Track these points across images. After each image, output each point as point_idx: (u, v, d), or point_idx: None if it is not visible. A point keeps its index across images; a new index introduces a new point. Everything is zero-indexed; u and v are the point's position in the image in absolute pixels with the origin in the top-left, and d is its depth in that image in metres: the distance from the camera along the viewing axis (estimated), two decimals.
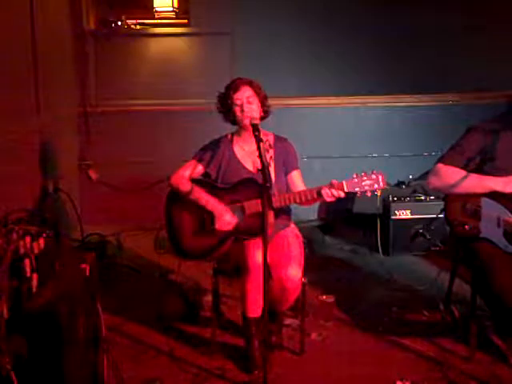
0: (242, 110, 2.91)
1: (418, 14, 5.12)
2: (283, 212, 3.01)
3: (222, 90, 3.04)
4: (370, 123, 5.37)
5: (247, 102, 2.92)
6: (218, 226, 2.90)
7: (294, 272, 2.78)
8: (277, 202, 2.80)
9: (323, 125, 5.30)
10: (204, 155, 3.07)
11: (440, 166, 2.88)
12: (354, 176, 2.73)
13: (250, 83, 2.97)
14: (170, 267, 4.16)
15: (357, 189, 2.73)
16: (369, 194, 2.74)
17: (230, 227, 2.90)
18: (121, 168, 5.27)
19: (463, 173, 2.82)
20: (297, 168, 3.08)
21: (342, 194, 2.73)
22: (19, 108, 3.96)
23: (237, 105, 2.93)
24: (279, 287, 2.81)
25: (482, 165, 2.85)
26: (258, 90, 2.98)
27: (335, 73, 5.20)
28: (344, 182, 2.73)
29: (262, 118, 3.01)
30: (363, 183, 2.72)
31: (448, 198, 2.93)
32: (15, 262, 1.99)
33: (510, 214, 2.76)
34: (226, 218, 2.89)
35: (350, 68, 5.19)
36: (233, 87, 2.95)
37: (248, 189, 2.88)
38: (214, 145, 3.09)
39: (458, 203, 2.87)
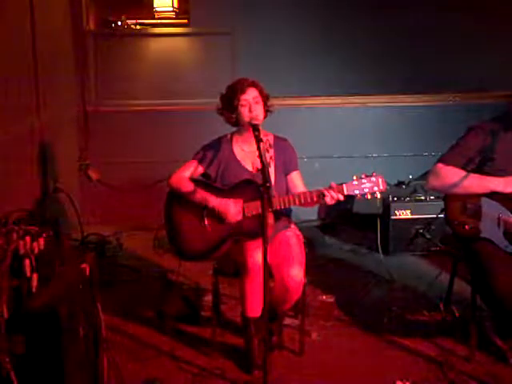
0: (250, 111, 2.91)
1: (418, 14, 5.12)
2: (283, 213, 3.01)
3: (222, 90, 3.03)
4: (370, 123, 5.37)
5: (254, 103, 2.92)
6: (227, 219, 2.88)
7: (296, 272, 2.78)
8: (276, 204, 2.80)
9: (323, 125, 5.30)
10: (204, 155, 3.06)
11: (440, 166, 2.88)
12: (354, 178, 2.72)
13: (254, 84, 2.96)
14: (170, 267, 4.16)
15: (356, 191, 2.72)
16: (369, 197, 2.73)
17: (239, 217, 2.88)
18: (121, 168, 5.27)
19: (463, 173, 2.82)
20: (296, 169, 3.07)
21: (341, 197, 2.72)
22: (19, 108, 3.96)
23: (244, 106, 2.92)
24: (281, 287, 2.80)
25: (482, 165, 2.85)
26: (261, 91, 2.98)
27: (335, 73, 5.20)
28: (344, 185, 2.72)
29: (263, 118, 3.01)
30: (363, 186, 2.71)
31: (448, 198, 2.93)
32: (15, 261, 1.99)
33: (510, 214, 2.76)
34: (232, 210, 2.88)
35: (350, 68, 5.19)
36: (239, 88, 2.92)
37: (247, 190, 2.88)
38: (214, 145, 3.08)
39: (457, 203, 2.87)
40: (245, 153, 3.06)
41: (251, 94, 2.93)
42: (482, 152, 2.84)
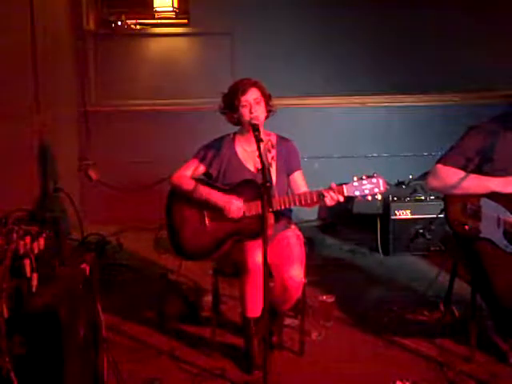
0: (251, 112, 2.90)
1: (418, 14, 5.13)
2: (284, 213, 3.00)
3: (223, 90, 3.02)
4: (370, 123, 5.37)
5: (255, 104, 2.91)
6: (229, 214, 2.87)
7: (296, 272, 2.78)
8: (276, 204, 2.80)
9: (323, 125, 5.30)
10: (206, 154, 3.06)
11: (439, 166, 2.88)
12: (355, 179, 2.71)
13: (256, 84, 2.94)
14: (170, 267, 4.16)
15: (357, 192, 2.70)
16: (369, 198, 2.72)
17: (241, 213, 2.86)
18: (121, 168, 5.27)
19: (462, 173, 2.82)
20: (299, 169, 3.06)
21: (341, 199, 2.71)
22: (19, 108, 3.96)
23: (245, 107, 2.91)
24: (281, 287, 2.80)
25: (482, 165, 2.84)
26: (263, 91, 2.96)
27: (335, 73, 5.21)
28: (344, 186, 2.71)
29: (265, 118, 3.00)
30: (363, 187, 2.69)
31: (447, 198, 2.92)
32: (15, 261, 1.99)
33: (509, 214, 2.76)
34: (234, 206, 2.87)
35: (350, 68, 5.19)
36: (240, 89, 2.91)
37: (248, 190, 2.88)
38: (216, 144, 3.08)
39: (457, 204, 2.87)
40: (247, 153, 3.05)
41: (252, 95, 2.92)
42: (481, 152, 2.84)
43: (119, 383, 2.49)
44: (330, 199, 2.71)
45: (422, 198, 4.54)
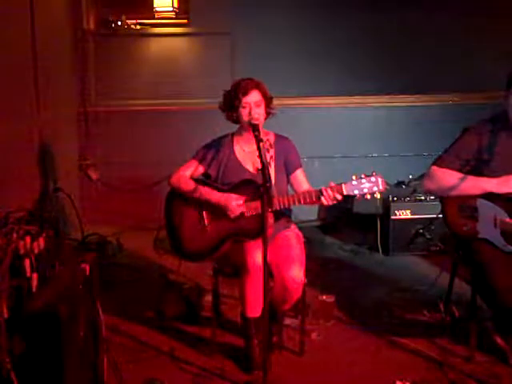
0: (250, 113, 2.90)
1: (418, 14, 5.12)
2: (283, 213, 3.01)
3: (222, 90, 3.02)
4: (370, 123, 5.37)
5: (255, 106, 2.90)
6: (229, 212, 2.88)
7: (297, 272, 2.78)
8: (276, 204, 2.80)
9: (323, 125, 5.30)
10: (205, 155, 3.06)
11: (434, 168, 2.87)
12: (354, 178, 2.70)
13: (258, 86, 2.93)
14: (169, 267, 4.16)
15: (356, 191, 2.70)
16: (368, 197, 2.71)
17: (241, 209, 2.87)
18: (121, 168, 5.27)
19: (458, 175, 2.82)
20: (299, 166, 3.06)
21: (339, 197, 2.70)
22: (19, 108, 3.96)
23: (244, 108, 2.91)
24: (281, 287, 2.80)
25: (478, 167, 2.84)
26: (265, 94, 2.96)
27: (335, 73, 5.20)
28: (343, 185, 2.71)
29: (264, 120, 3.00)
30: (362, 186, 2.69)
31: (444, 199, 2.92)
32: (15, 261, 1.99)
33: (505, 214, 2.76)
34: (234, 203, 2.87)
35: (350, 68, 5.19)
36: (242, 90, 2.90)
37: (248, 190, 2.88)
38: (215, 144, 3.08)
39: (454, 205, 2.87)
40: (245, 153, 3.05)
41: (253, 98, 2.91)
42: (476, 154, 2.83)
43: (119, 383, 2.49)
44: (329, 198, 2.70)
45: (422, 198, 4.54)
